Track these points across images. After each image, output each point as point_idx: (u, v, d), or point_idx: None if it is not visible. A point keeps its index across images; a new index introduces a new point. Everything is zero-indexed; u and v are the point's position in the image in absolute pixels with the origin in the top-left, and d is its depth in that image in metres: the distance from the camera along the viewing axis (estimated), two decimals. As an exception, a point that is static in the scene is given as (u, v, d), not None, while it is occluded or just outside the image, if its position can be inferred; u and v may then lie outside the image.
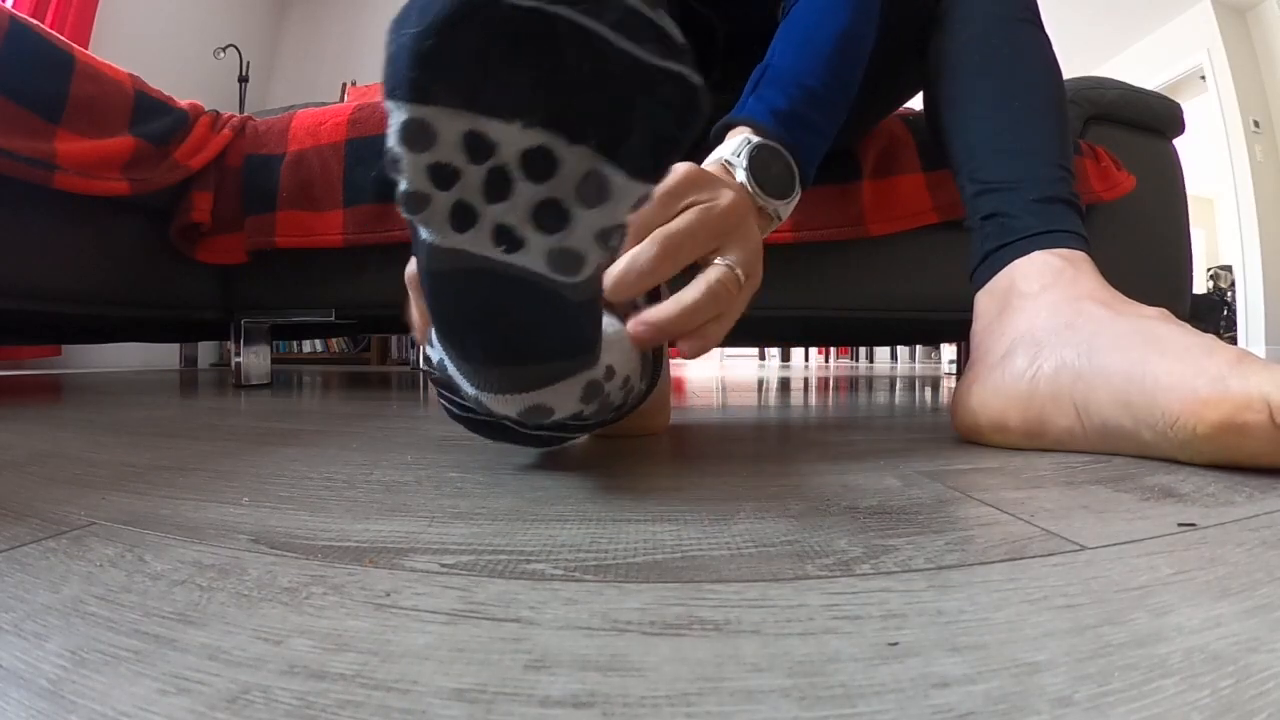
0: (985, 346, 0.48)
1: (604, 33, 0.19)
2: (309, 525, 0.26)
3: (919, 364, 3.67)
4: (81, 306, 0.89)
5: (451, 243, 0.23)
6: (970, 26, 0.55)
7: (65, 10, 2.14)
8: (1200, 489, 0.32)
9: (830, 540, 0.24)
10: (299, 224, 0.93)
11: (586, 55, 0.20)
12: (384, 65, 0.21)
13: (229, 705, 0.13)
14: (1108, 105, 0.93)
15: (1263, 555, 0.22)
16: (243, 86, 2.92)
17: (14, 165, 0.72)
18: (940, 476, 0.36)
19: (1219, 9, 3.27)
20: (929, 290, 0.91)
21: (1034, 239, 0.48)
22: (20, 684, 0.14)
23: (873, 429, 0.59)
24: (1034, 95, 0.53)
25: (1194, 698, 0.13)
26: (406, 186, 0.22)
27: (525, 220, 0.22)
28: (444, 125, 0.20)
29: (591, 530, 0.25)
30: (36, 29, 0.76)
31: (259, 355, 1.14)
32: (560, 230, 0.23)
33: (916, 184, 0.85)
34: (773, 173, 0.43)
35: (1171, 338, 0.37)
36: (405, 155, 0.21)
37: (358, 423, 0.62)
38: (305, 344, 2.97)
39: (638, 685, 0.14)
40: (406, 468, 0.39)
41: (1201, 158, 2.96)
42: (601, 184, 0.22)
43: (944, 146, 0.57)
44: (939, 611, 0.18)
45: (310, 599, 0.19)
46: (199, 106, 0.98)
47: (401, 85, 0.20)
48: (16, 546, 0.23)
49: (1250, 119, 3.23)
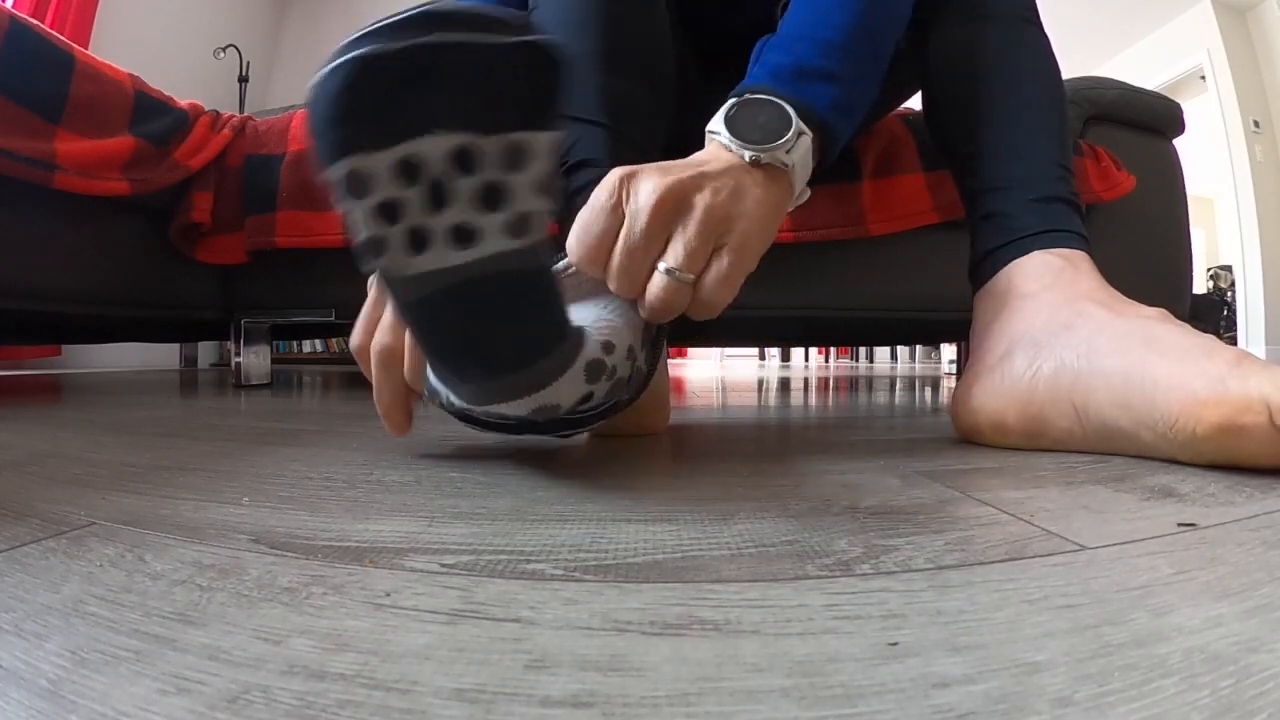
0: (985, 347, 0.48)
1: (466, 39, 0.24)
2: (309, 525, 0.26)
3: (919, 364, 3.67)
4: (81, 306, 0.89)
5: (415, 268, 0.25)
6: (969, 25, 0.54)
7: (65, 10, 2.14)
8: (1200, 489, 0.32)
9: (830, 540, 0.24)
10: (299, 224, 0.93)
11: (462, 60, 0.24)
12: (308, 140, 0.25)
13: (229, 705, 0.13)
14: (1108, 105, 0.93)
15: (1263, 555, 0.22)
16: (243, 86, 2.92)
17: (14, 165, 0.72)
18: (940, 476, 0.36)
19: (1219, 9, 3.27)
20: (929, 290, 0.91)
21: (1033, 239, 0.48)
22: (20, 684, 0.14)
23: (873, 429, 0.59)
24: (1033, 94, 0.53)
25: (1194, 698, 0.13)
26: (363, 235, 0.25)
27: (473, 210, 0.25)
28: (375, 164, 0.24)
29: (591, 530, 0.25)
30: (36, 29, 0.77)
31: (259, 355, 1.14)
32: (505, 201, 0.25)
33: (917, 184, 0.85)
34: (759, 121, 0.40)
35: (1171, 339, 0.37)
36: (354, 206, 0.24)
37: (358, 423, 0.62)
38: (305, 344, 2.96)
39: (638, 685, 0.14)
40: (406, 468, 0.39)
41: (1201, 158, 2.96)
42: (520, 148, 0.25)
43: (942, 145, 0.57)
44: (939, 611, 0.18)
45: (310, 599, 0.19)
46: (199, 106, 0.98)
47: (327, 148, 0.24)
48: (16, 546, 0.23)
49: (1250, 119, 3.23)
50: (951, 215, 0.84)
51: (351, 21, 2.93)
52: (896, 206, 0.85)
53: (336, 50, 0.24)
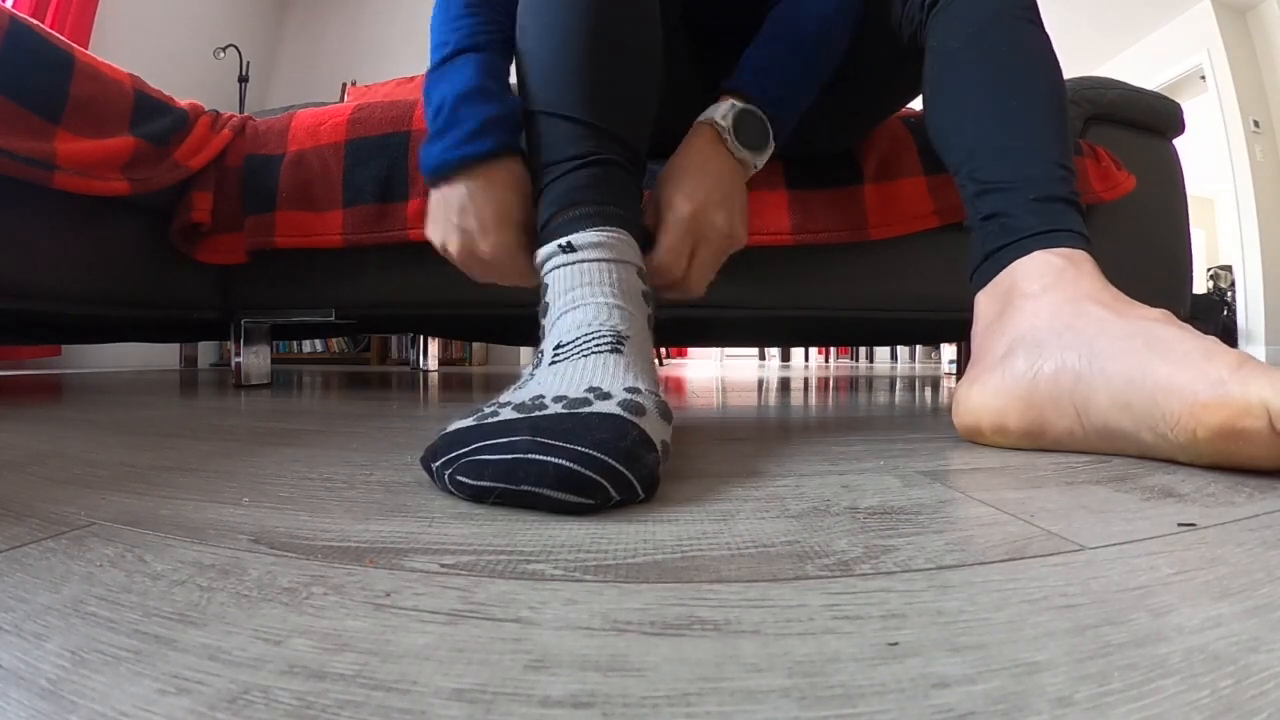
0: (986, 347, 0.48)
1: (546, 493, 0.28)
2: (309, 525, 0.26)
3: (919, 364, 3.67)
4: (81, 306, 0.89)
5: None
6: (968, 25, 0.54)
7: (65, 10, 2.14)
8: (1200, 489, 0.32)
9: (830, 540, 0.24)
10: (299, 224, 0.93)
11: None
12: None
13: (229, 705, 0.13)
14: (1108, 105, 0.93)
15: (1263, 555, 0.22)
16: (243, 86, 2.92)
17: (14, 165, 0.72)
18: (940, 476, 0.36)
19: (1219, 9, 3.27)
20: (929, 290, 0.91)
21: (1035, 239, 0.48)
22: (20, 684, 0.14)
23: (873, 429, 0.59)
24: (1034, 94, 0.52)
25: (1194, 698, 0.13)
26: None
27: None
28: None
29: (591, 530, 0.25)
30: (36, 29, 0.76)
31: (259, 355, 1.14)
32: None
33: (918, 187, 0.85)
34: (752, 131, 0.55)
35: (1173, 340, 0.37)
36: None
37: (358, 423, 0.62)
38: (305, 344, 2.96)
39: (638, 685, 0.14)
40: (406, 468, 0.39)
41: (1201, 158, 2.96)
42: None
43: (943, 146, 0.57)
44: (939, 611, 0.18)
45: (310, 599, 0.19)
46: (199, 106, 0.98)
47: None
48: (16, 546, 0.23)
49: (1250, 119, 3.23)
50: (952, 219, 0.84)
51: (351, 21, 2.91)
52: (898, 210, 0.85)
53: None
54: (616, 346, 0.38)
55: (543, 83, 0.48)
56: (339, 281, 0.99)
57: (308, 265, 0.98)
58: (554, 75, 0.47)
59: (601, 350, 0.38)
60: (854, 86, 0.69)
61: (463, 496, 0.30)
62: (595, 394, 0.33)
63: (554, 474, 0.27)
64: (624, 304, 0.42)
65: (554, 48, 0.47)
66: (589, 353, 0.38)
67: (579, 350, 0.38)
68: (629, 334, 0.40)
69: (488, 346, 3.00)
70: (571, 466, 0.27)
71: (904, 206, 0.85)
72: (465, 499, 0.30)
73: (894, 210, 0.85)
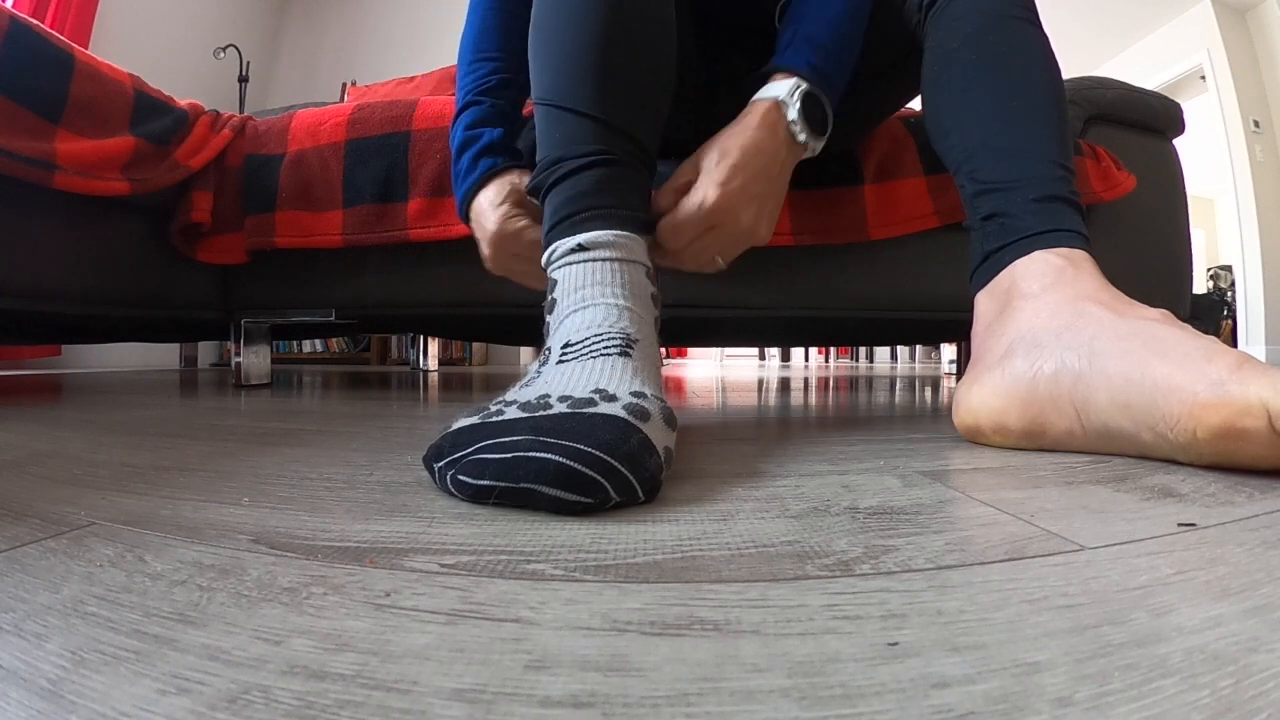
0: (986, 347, 0.48)
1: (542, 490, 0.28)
2: (309, 525, 0.26)
3: (919, 364, 3.67)
4: (81, 306, 0.89)
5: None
6: (968, 25, 0.54)
7: (65, 10, 2.14)
8: (1200, 489, 0.32)
9: (830, 540, 0.24)
10: (298, 224, 0.93)
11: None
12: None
13: (229, 705, 0.13)
14: (1108, 105, 0.93)
15: (1263, 555, 0.22)
16: (243, 86, 2.92)
17: (14, 165, 0.72)
18: (940, 476, 0.36)
19: (1219, 9, 3.27)
20: (929, 290, 0.91)
21: (1035, 239, 0.48)
22: (20, 684, 0.14)
23: (873, 429, 0.59)
24: (1033, 94, 0.52)
25: (1194, 698, 0.13)
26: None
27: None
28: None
29: (591, 530, 0.25)
30: (36, 29, 0.76)
31: (259, 355, 1.14)
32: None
33: (918, 188, 0.85)
34: (817, 115, 0.54)
35: (1173, 341, 0.37)
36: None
37: (358, 423, 0.62)
38: (305, 344, 2.96)
39: (638, 685, 0.14)
40: (406, 468, 0.39)
41: (1201, 158, 2.96)
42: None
43: (942, 146, 0.57)
44: (939, 611, 0.18)
45: (310, 599, 0.19)
46: (199, 106, 0.98)
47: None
48: (16, 546, 0.23)
49: (1250, 119, 3.23)
50: (952, 219, 0.84)
51: (352, 21, 2.91)
52: (897, 210, 0.85)
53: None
54: (625, 350, 0.38)
55: (555, 75, 0.47)
56: (339, 281, 0.99)
57: (308, 265, 0.98)
58: (567, 68, 0.47)
59: (610, 353, 0.38)
60: (856, 86, 0.69)
61: (463, 497, 0.30)
62: (601, 396, 0.33)
63: (554, 471, 0.27)
64: (633, 306, 0.42)
65: (568, 41, 0.47)
66: (598, 354, 0.38)
67: (588, 351, 0.38)
68: (638, 338, 0.40)
69: (488, 346, 3.00)
70: (572, 464, 0.27)
71: (904, 207, 0.85)
72: (466, 499, 0.30)
73: (894, 210, 0.85)
